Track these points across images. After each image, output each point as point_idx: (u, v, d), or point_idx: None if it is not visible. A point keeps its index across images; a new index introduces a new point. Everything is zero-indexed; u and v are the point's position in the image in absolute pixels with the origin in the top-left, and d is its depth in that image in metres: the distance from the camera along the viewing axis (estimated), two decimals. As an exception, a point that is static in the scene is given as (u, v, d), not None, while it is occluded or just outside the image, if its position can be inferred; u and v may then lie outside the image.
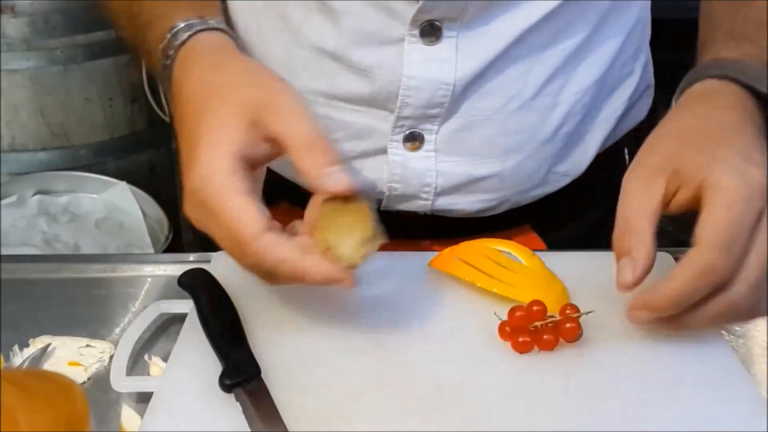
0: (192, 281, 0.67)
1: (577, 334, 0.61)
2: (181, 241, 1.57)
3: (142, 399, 0.59)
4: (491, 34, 0.70)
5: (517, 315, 0.61)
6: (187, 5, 0.67)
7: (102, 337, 0.67)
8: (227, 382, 0.57)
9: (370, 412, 0.55)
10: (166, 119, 1.76)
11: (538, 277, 0.67)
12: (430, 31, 0.69)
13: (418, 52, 0.70)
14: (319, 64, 0.73)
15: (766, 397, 0.58)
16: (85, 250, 1.55)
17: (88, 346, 0.65)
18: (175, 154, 1.86)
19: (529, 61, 0.72)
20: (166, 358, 0.62)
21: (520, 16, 0.70)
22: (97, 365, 0.64)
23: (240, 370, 0.57)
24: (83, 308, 0.70)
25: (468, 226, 0.77)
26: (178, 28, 0.65)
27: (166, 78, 0.65)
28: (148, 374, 0.62)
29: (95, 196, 1.66)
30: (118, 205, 1.64)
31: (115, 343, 0.64)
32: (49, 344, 0.65)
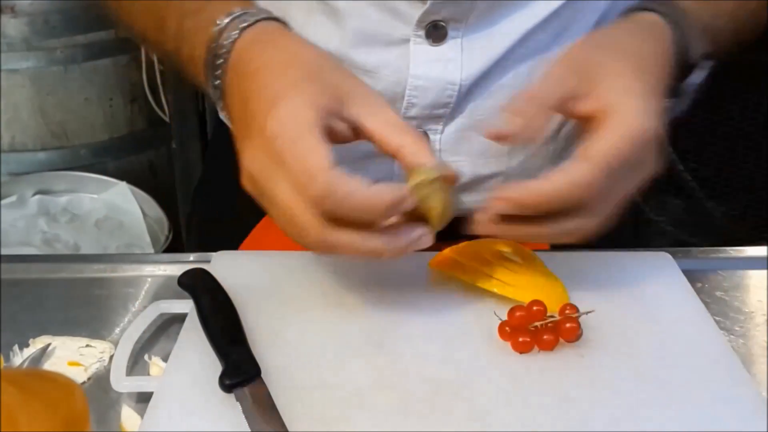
0: (192, 281, 0.67)
1: (577, 334, 0.61)
2: (181, 240, 1.57)
3: (142, 399, 0.59)
4: (496, 34, 0.70)
5: (517, 315, 0.61)
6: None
7: (102, 337, 0.67)
8: (227, 382, 0.56)
9: (370, 412, 0.55)
10: (166, 119, 1.76)
11: (538, 277, 0.67)
12: (435, 32, 0.69)
13: (424, 53, 0.70)
14: None
15: (766, 397, 0.58)
16: (85, 250, 1.55)
17: (88, 346, 0.65)
18: (174, 154, 1.86)
19: (533, 61, 0.72)
20: (166, 358, 0.62)
21: (525, 16, 0.70)
22: (97, 365, 0.64)
23: (240, 370, 0.57)
24: (83, 308, 0.70)
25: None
26: (237, 14, 0.64)
27: (221, 57, 0.63)
28: (148, 374, 0.62)
29: (95, 196, 1.66)
30: (118, 205, 1.64)
31: (115, 343, 0.64)
32: (49, 344, 0.65)
